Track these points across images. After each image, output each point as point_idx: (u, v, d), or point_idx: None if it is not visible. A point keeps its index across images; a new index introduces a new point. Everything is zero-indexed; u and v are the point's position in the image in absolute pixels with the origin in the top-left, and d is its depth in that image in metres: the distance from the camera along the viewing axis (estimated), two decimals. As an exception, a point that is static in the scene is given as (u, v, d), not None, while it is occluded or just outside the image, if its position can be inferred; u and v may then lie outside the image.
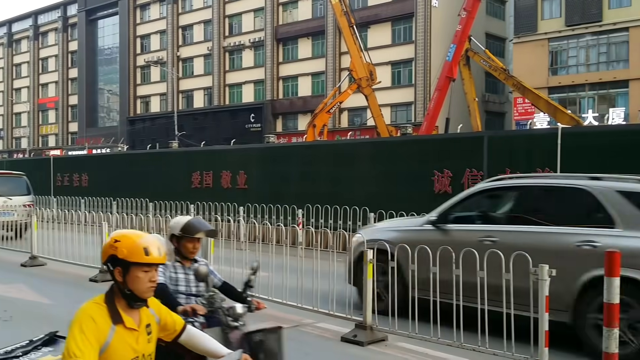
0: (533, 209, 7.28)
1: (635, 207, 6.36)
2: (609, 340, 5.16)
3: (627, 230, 6.26)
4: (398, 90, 43.81)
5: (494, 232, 7.03)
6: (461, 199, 7.82)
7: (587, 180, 6.91)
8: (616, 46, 37.15)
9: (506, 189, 7.94)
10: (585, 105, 37.39)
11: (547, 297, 5.47)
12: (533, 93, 25.01)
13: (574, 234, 6.50)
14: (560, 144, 12.03)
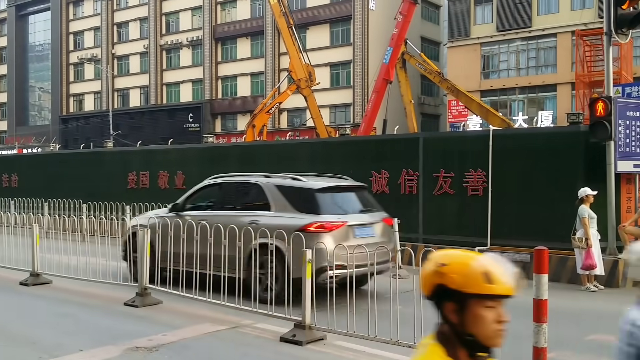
0: (229, 199, 10.16)
1: (282, 196, 9.18)
2: (539, 335, 5.41)
3: (277, 212, 8.99)
4: (337, 92, 44.14)
5: (205, 216, 9.51)
6: (190, 193, 10.55)
7: (260, 177, 9.79)
8: (545, 51, 38.68)
9: (214, 185, 10.55)
10: (516, 108, 38.74)
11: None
12: (466, 96, 25.70)
13: (247, 216, 9.17)
14: (492, 145, 12.45)
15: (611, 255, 10.88)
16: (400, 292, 6.70)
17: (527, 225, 11.94)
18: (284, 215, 8.88)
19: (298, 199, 9.08)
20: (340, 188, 9.80)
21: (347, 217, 8.98)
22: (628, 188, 11.64)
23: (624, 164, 10.98)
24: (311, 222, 8.55)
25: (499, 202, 12.35)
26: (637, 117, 11.10)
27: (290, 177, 9.56)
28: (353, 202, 9.73)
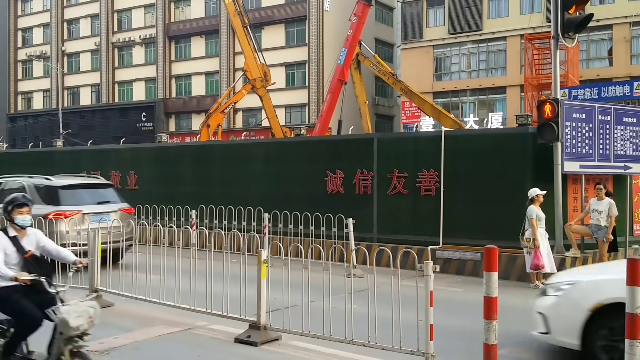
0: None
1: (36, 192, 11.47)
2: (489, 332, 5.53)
3: None
4: (292, 92, 44.13)
5: None
6: None
7: (24, 178, 12.20)
8: (495, 54, 39.55)
9: None
10: (467, 110, 39.50)
11: (431, 291, 5.78)
12: (419, 97, 26.06)
13: None
14: (444, 145, 12.68)
15: (559, 254, 11.22)
16: (355, 292, 6.75)
17: (478, 224, 12.21)
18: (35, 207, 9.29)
19: (46, 194, 11.75)
20: (82, 185, 12.58)
21: (83, 207, 11.57)
22: (574, 188, 12.02)
23: (570, 164, 11.33)
24: (51, 212, 11.08)
25: (451, 202, 12.58)
26: (583, 119, 11.47)
27: (44, 178, 12.26)
28: (93, 196, 12.31)
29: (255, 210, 13.47)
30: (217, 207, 14.56)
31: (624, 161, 11.86)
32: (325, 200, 14.13)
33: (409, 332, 6.05)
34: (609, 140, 11.68)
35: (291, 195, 14.61)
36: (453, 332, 7.49)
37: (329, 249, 8.48)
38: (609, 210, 10.78)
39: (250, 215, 13.59)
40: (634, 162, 11.96)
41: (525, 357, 6.68)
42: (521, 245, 10.75)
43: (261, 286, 6.86)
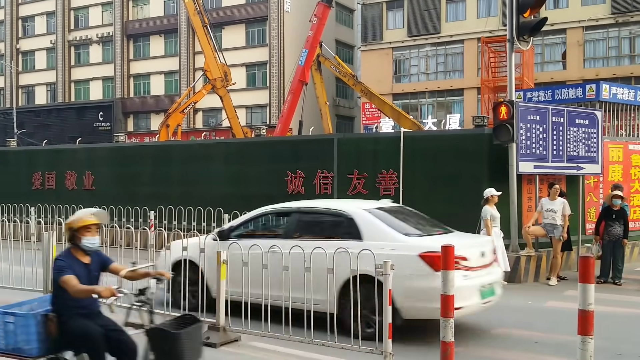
0: None
1: None
2: (446, 330, 5.63)
3: None
4: (253, 92, 43.95)
5: None
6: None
7: None
8: (453, 57, 40.17)
9: None
10: (426, 111, 40.02)
11: (390, 290, 5.85)
12: (379, 99, 26.26)
13: None
14: (403, 146, 12.83)
15: (514, 252, 11.47)
16: (314, 291, 6.78)
17: (437, 224, 12.37)
18: None
19: None
20: None
21: None
22: (529, 188, 12.30)
23: (525, 165, 11.58)
24: None
25: (409, 202, 12.65)
26: (537, 120, 11.74)
27: None
28: None
29: (216, 210, 13.38)
30: (176, 207, 14.42)
31: (577, 162, 12.19)
32: (286, 200, 14.09)
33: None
34: (562, 141, 11.98)
35: (252, 195, 14.57)
36: (412, 331, 7.58)
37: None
38: (562, 209, 11.07)
39: (210, 216, 13.50)
40: (586, 163, 12.30)
41: (483, 354, 6.80)
42: None
43: (220, 287, 6.83)
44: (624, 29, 35.86)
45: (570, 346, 5.28)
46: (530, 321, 8.44)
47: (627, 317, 8.72)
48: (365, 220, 7.58)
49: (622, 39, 36.17)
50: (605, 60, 36.37)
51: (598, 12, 35.94)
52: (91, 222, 4.80)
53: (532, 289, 10.87)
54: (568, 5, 36.78)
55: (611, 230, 11.12)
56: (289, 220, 8.34)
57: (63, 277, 4.53)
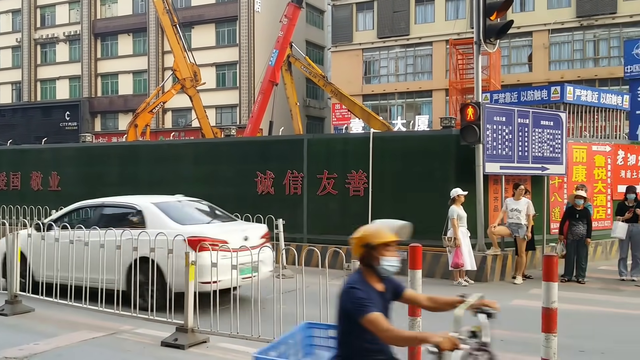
0: None
1: None
2: (413, 329, 5.69)
3: None
4: (223, 92, 43.72)
5: None
6: None
7: None
8: (421, 59, 40.55)
9: None
10: (395, 112, 40.32)
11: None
12: (349, 100, 26.36)
13: None
14: (372, 147, 12.92)
15: (480, 252, 11.63)
16: (285, 292, 6.79)
17: (406, 224, 12.47)
18: None
19: None
20: None
21: None
22: (495, 188, 12.49)
23: (491, 165, 11.75)
24: None
25: (379, 202, 12.83)
26: (503, 121, 11.92)
27: None
28: None
29: (184, 211, 13.25)
30: (144, 208, 14.26)
31: (542, 162, 12.41)
32: (256, 200, 14.11)
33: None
34: (527, 142, 12.19)
35: (221, 196, 14.47)
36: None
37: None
38: (527, 209, 11.27)
39: (178, 217, 13.38)
40: (550, 164, 12.54)
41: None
42: (443, 244, 11.10)
43: (189, 288, 6.79)
44: (589, 32, 36.64)
45: (535, 344, 5.39)
46: (496, 319, 8.56)
47: (591, 315, 8.92)
48: (150, 212, 9.01)
49: (586, 42, 36.95)
50: (570, 63, 37.09)
51: (563, 16, 36.64)
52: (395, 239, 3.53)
53: (498, 287, 11.05)
54: (534, 9, 37.43)
55: (575, 229, 11.36)
56: (95, 213, 9.80)
57: (369, 315, 3.26)
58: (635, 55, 17.73)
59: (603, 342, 7.35)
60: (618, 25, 35.96)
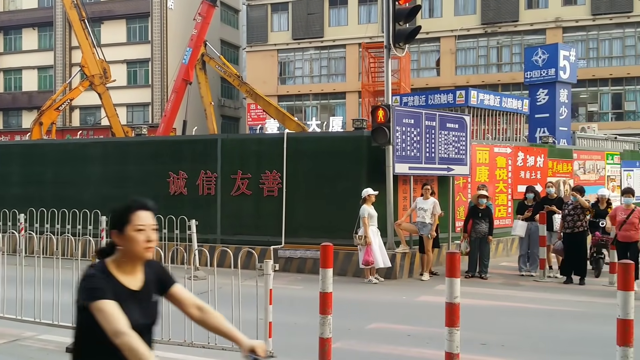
0: None
1: None
2: (324, 327, 5.81)
3: None
4: (134, 90, 42.58)
5: None
6: None
7: None
8: (335, 61, 41.12)
9: None
10: (310, 113, 40.68)
11: (270, 290, 5.95)
12: (264, 100, 26.37)
13: None
14: (286, 147, 13.02)
15: (390, 250, 11.98)
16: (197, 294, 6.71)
17: (319, 223, 12.69)
18: None
19: None
20: None
21: None
22: (404, 188, 12.90)
23: (400, 166, 12.13)
24: None
25: (293, 202, 12.95)
26: (412, 124, 12.33)
27: None
28: None
29: (92, 213, 12.88)
30: (49, 210, 13.74)
31: (447, 163, 12.94)
32: (168, 201, 13.87)
33: (249, 331, 6.15)
34: (434, 144, 12.67)
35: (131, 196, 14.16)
36: (292, 329, 7.75)
37: (170, 251, 8.41)
38: (433, 208, 11.71)
39: (86, 219, 12.99)
40: (456, 165, 13.09)
41: (359, 349, 7.07)
42: (354, 243, 11.37)
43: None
44: (492, 39, 38.41)
45: (440, 338, 5.62)
46: (403, 315, 8.88)
47: (492, 309, 9.38)
48: None
49: (490, 48, 38.71)
50: (475, 68, 38.75)
51: (469, 22, 38.23)
52: None
53: (406, 284, 11.43)
54: (442, 15, 38.83)
55: (478, 228, 11.90)
56: None
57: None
58: (535, 62, 18.78)
59: (503, 335, 7.74)
60: (520, 33, 37.92)
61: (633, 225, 10.36)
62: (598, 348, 6.93)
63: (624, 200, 10.81)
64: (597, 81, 37.15)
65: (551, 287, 11.19)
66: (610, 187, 17.84)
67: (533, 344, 7.40)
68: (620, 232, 10.47)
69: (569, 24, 37.17)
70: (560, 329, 8.11)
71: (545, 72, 18.44)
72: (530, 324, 8.43)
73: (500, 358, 6.75)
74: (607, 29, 37.12)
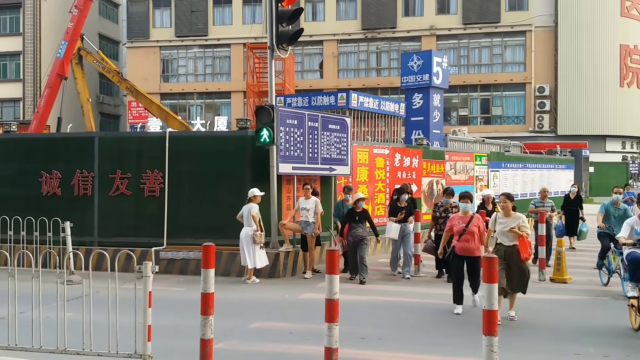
0: None
1: None
2: (205, 328, 5.78)
3: None
4: (4, 85, 40.07)
5: None
6: None
7: None
8: (220, 60, 40.79)
9: None
10: (194, 112, 40.07)
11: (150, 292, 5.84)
12: (146, 98, 25.67)
13: None
14: (168, 147, 12.77)
15: (274, 249, 12.10)
16: (71, 299, 6.49)
17: (203, 223, 12.55)
18: None
19: None
20: None
21: None
22: (288, 188, 13.07)
23: (284, 166, 12.27)
24: None
25: (175, 203, 12.72)
26: (295, 124, 12.52)
27: None
28: None
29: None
30: None
31: (329, 164, 13.26)
32: (40, 202, 13.16)
33: (127, 335, 6.00)
34: (317, 144, 12.94)
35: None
36: (174, 331, 7.64)
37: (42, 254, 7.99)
38: (315, 207, 11.95)
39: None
40: (337, 165, 13.44)
41: (241, 349, 7.10)
42: (256, 241, 11.37)
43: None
44: (372, 44, 39.78)
45: (322, 334, 5.77)
46: (286, 313, 9.01)
47: (371, 304, 9.71)
48: None
49: (370, 53, 40.07)
50: (357, 72, 39.93)
51: (350, 27, 39.34)
52: None
53: (289, 282, 11.59)
54: (325, 19, 39.66)
55: (354, 231, 11.41)
56: None
57: None
58: (410, 67, 19.66)
59: (381, 329, 8.06)
60: (397, 40, 39.55)
61: (472, 235, 8.96)
62: (469, 339, 7.37)
63: (461, 206, 9.44)
64: (467, 87, 39.57)
65: (425, 282, 11.76)
66: (479, 187, 19.09)
67: (409, 336, 7.77)
68: (459, 243, 9.01)
69: (443, 32, 39.31)
70: (434, 321, 8.58)
71: (420, 77, 19.37)
72: (406, 317, 8.83)
73: (377, 351, 7.04)
74: (477, 37, 39.65)
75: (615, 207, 11.68)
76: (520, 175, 21.86)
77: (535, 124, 39.31)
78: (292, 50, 13.35)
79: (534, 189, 21.77)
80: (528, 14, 39.08)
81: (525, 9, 39.36)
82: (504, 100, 40.20)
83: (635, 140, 43.02)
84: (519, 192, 21.57)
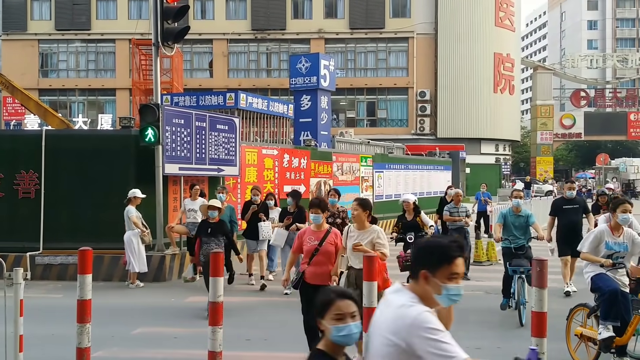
0: None
1: None
2: (82, 336, 5.54)
3: None
4: None
5: None
6: None
7: None
8: (104, 55, 39.20)
9: None
10: (76, 110, 38.24)
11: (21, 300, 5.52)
12: (23, 93, 24.10)
13: None
14: (45, 146, 12.12)
15: (159, 252, 11.82)
16: None
17: (83, 226, 12.00)
18: None
19: None
20: None
21: None
22: (174, 189, 12.80)
23: (170, 166, 12.01)
24: None
25: (53, 205, 12.11)
26: (182, 124, 12.29)
27: None
28: None
29: None
30: None
31: (218, 164, 13.14)
32: None
33: (-4, 346, 5.67)
34: (204, 144, 12.78)
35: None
36: (49, 340, 7.28)
37: None
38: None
39: None
40: (226, 165, 13.35)
41: (122, 356, 6.88)
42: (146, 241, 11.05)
43: None
44: (262, 44, 39.82)
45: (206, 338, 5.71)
46: (171, 317, 8.83)
47: (257, 305, 9.71)
48: None
49: (260, 54, 40.08)
50: (247, 72, 39.82)
51: (240, 27, 39.14)
52: None
53: (175, 286, 11.35)
54: (214, 17, 39.22)
55: (207, 248, 8.69)
56: None
57: None
58: (299, 69, 19.85)
59: (266, 330, 8.09)
60: (287, 41, 39.85)
61: (328, 257, 6.35)
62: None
63: (312, 218, 6.57)
64: (354, 90, 40.62)
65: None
66: (364, 187, 19.64)
67: (294, 336, 7.85)
68: (310, 267, 6.35)
69: (330, 36, 40.10)
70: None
71: (308, 79, 19.61)
72: (292, 318, 8.91)
73: (262, 352, 7.08)
74: (363, 42, 40.82)
75: (515, 214, 9.21)
76: (402, 176, 22.73)
77: (417, 127, 41.04)
78: (181, 48, 13.15)
79: (415, 188, 22.71)
80: (410, 21, 40.71)
81: (407, 16, 40.97)
82: (389, 104, 41.67)
83: (507, 143, 46.13)
84: (424, 191, 22.87)
